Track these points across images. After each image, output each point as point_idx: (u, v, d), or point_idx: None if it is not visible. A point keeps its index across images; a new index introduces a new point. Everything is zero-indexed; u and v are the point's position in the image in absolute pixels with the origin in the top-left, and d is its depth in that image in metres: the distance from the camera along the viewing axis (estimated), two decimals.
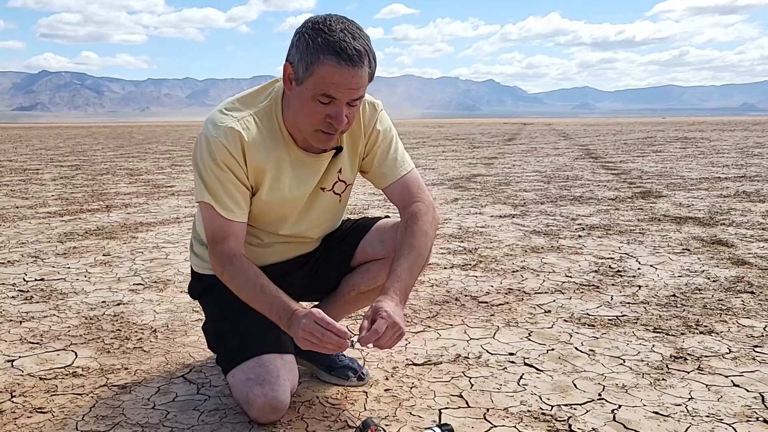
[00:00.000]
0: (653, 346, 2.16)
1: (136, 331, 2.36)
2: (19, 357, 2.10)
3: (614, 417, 1.65)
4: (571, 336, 2.27)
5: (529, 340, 2.24)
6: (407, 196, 1.72)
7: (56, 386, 1.86)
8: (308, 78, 1.45)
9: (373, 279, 1.84)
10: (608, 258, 3.48)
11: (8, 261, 3.54)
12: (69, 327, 2.41)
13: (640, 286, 2.91)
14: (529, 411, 1.69)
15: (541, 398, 1.77)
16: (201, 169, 1.57)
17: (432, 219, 1.70)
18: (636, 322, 2.41)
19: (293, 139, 1.62)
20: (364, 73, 1.46)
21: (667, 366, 1.98)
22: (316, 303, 1.99)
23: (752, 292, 2.78)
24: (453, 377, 1.92)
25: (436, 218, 1.72)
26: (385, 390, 1.83)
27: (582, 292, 2.82)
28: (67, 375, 1.95)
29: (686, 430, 1.58)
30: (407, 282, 1.57)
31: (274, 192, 1.63)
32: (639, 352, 2.10)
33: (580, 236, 4.11)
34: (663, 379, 1.88)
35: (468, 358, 2.08)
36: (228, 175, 1.55)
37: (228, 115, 1.57)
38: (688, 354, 2.08)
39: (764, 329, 2.32)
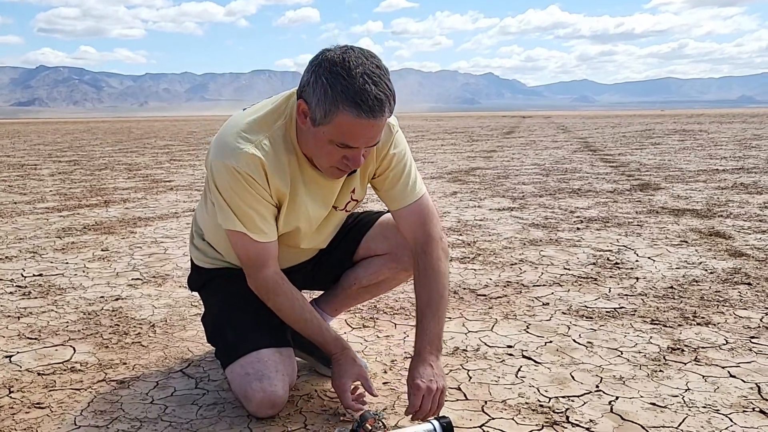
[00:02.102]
0: (651, 337, 2.17)
1: (134, 326, 2.36)
2: (17, 352, 2.10)
3: (612, 408, 1.66)
4: (569, 328, 2.28)
5: (527, 332, 2.25)
6: (416, 227, 1.67)
7: (54, 381, 1.86)
8: (326, 124, 1.39)
9: (375, 274, 1.85)
10: (606, 250, 3.48)
11: (6, 257, 3.54)
12: (67, 322, 2.41)
13: (637, 278, 2.91)
14: (527, 403, 1.69)
15: (539, 390, 1.77)
16: (227, 198, 1.50)
17: (443, 252, 1.67)
18: (634, 314, 2.41)
19: (307, 158, 1.56)
20: (384, 121, 1.40)
21: (664, 357, 1.99)
22: (318, 297, 1.99)
23: (749, 284, 2.78)
24: (451, 370, 1.92)
25: (446, 249, 1.69)
26: (384, 383, 1.83)
27: (580, 285, 2.83)
28: (65, 370, 1.95)
29: (683, 420, 1.58)
30: (436, 331, 1.60)
31: (290, 214, 1.60)
32: (636, 344, 2.11)
33: (578, 229, 4.11)
34: (660, 371, 1.89)
35: (466, 350, 2.08)
36: (256, 197, 1.51)
37: (245, 138, 1.49)
38: (686, 345, 2.09)
39: (761, 320, 2.32)
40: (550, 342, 2.15)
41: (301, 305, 1.63)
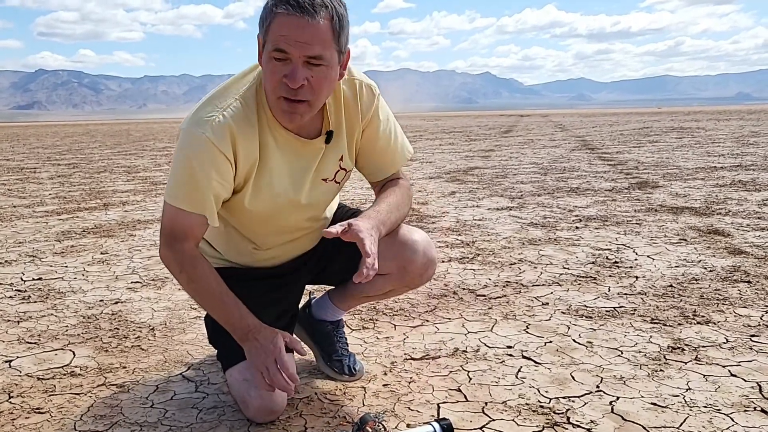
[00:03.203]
0: (651, 337, 2.17)
1: (134, 330, 2.35)
2: (17, 357, 2.10)
3: (612, 409, 1.65)
4: (569, 328, 2.28)
5: (527, 332, 2.24)
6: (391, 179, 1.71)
7: (54, 386, 1.86)
8: (267, 37, 1.37)
9: (381, 289, 1.81)
10: (605, 249, 3.48)
11: (6, 261, 3.53)
12: (67, 326, 2.40)
13: (637, 277, 2.91)
14: (527, 404, 1.69)
15: (539, 391, 1.77)
16: (181, 167, 1.46)
17: (409, 194, 1.69)
18: (633, 313, 2.41)
19: (279, 122, 1.51)
20: (319, 26, 1.33)
21: (664, 357, 1.99)
22: (330, 291, 1.99)
23: (749, 282, 2.78)
24: (451, 371, 1.92)
25: (410, 195, 1.70)
26: (384, 385, 1.83)
27: (579, 284, 2.83)
28: (65, 375, 1.95)
29: (684, 420, 1.58)
30: (390, 218, 1.56)
31: (262, 177, 1.53)
32: (636, 343, 2.11)
33: (577, 228, 4.11)
34: (660, 370, 1.89)
35: (466, 351, 2.08)
36: (210, 173, 1.44)
37: (213, 105, 1.46)
38: (686, 344, 2.08)
39: (761, 318, 2.32)
40: (550, 342, 2.15)
41: (217, 280, 1.54)
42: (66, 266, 3.38)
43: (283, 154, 1.53)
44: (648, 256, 3.29)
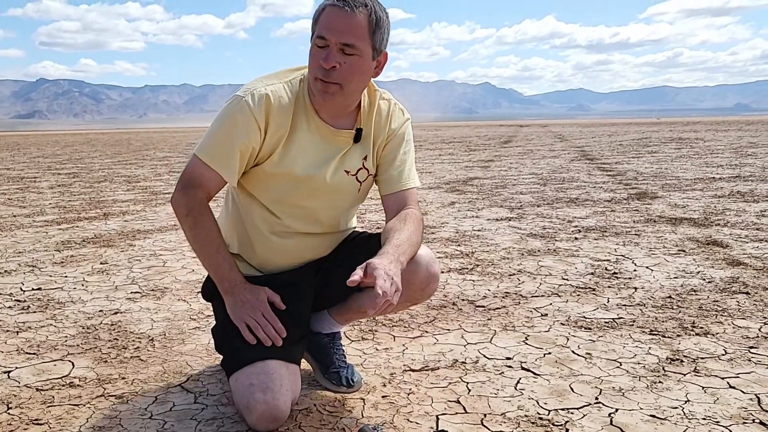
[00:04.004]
0: (649, 348, 2.17)
1: (133, 340, 2.35)
2: (16, 368, 2.10)
3: (611, 421, 1.65)
4: (568, 339, 2.28)
5: (526, 344, 2.25)
6: (402, 206, 1.74)
7: (53, 397, 1.86)
8: (314, 29, 1.57)
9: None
10: (604, 260, 3.49)
11: (5, 271, 3.53)
12: (66, 337, 2.40)
13: (636, 288, 2.91)
14: (526, 416, 1.69)
15: (538, 403, 1.77)
16: (215, 124, 1.62)
17: (422, 225, 1.72)
18: (632, 325, 2.41)
19: (315, 112, 1.66)
20: (356, 18, 1.53)
21: (663, 368, 1.99)
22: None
23: (747, 293, 2.79)
24: (450, 383, 1.92)
25: (421, 223, 1.73)
26: (383, 396, 1.83)
27: (578, 295, 2.83)
28: (63, 386, 1.94)
29: None
30: (408, 251, 1.58)
31: (288, 148, 1.65)
32: (635, 355, 2.11)
33: (576, 238, 4.12)
34: (659, 382, 1.89)
35: (465, 363, 2.08)
36: (238, 138, 1.59)
37: (260, 81, 1.64)
38: (684, 356, 2.09)
39: (759, 330, 2.32)
40: (549, 353, 2.15)
41: (218, 231, 1.69)
42: (65, 276, 3.38)
43: (312, 137, 1.68)
44: (647, 267, 3.30)
